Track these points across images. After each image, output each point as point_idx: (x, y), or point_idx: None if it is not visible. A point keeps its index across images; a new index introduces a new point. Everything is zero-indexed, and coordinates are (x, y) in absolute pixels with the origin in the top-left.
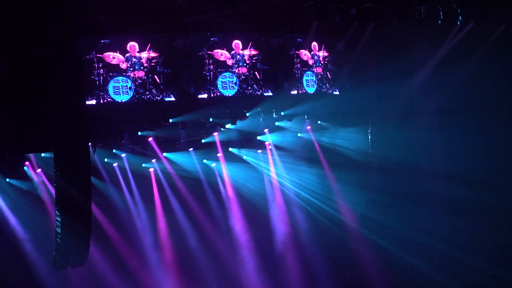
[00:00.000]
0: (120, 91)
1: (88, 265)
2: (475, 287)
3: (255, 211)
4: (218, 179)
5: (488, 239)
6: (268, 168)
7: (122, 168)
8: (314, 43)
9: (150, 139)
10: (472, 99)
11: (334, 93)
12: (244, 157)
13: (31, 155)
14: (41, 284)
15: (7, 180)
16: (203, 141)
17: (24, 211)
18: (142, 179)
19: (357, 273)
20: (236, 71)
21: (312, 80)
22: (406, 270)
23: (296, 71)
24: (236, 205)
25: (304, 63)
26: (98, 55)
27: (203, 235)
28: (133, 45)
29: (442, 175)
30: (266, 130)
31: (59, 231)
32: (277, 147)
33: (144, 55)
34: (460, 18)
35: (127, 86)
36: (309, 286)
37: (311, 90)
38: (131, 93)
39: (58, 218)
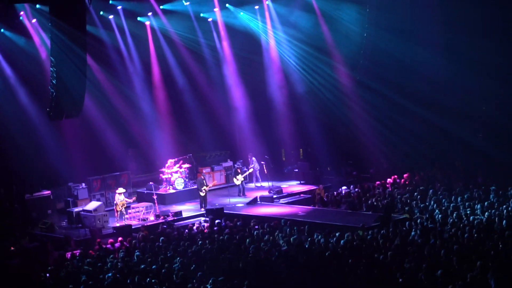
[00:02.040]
0: None
1: (82, 115)
2: None
3: (251, 67)
4: (214, 34)
5: None
6: (265, 25)
7: (118, 24)
8: None
9: None
10: None
11: None
12: (241, 13)
13: (26, 6)
14: (37, 133)
15: (2, 30)
16: None
17: (19, 63)
18: (138, 33)
19: (350, 131)
20: None
21: None
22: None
23: None
24: (232, 60)
25: None
26: None
27: (196, 87)
28: None
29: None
30: None
31: (54, 82)
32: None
33: None
34: None
35: None
36: (301, 139)
37: None
38: None
39: (53, 69)
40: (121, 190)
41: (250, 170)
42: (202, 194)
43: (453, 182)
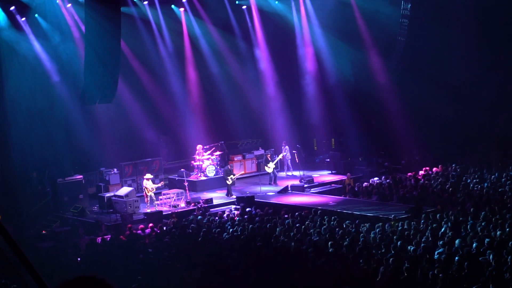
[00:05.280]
0: None
1: (114, 101)
2: None
3: (284, 55)
4: (248, 22)
5: None
6: (299, 14)
7: (152, 10)
8: None
9: None
10: None
11: None
12: (276, 2)
13: None
14: (70, 118)
15: (36, 16)
16: None
17: (53, 47)
18: (172, 20)
19: (382, 121)
20: None
21: None
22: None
23: None
24: (265, 48)
25: None
26: None
27: (229, 75)
28: None
29: None
30: None
31: (88, 68)
32: None
33: None
34: None
35: None
36: (333, 128)
37: None
38: None
39: (87, 54)
40: (148, 175)
41: (280, 157)
42: (228, 182)
43: (485, 174)
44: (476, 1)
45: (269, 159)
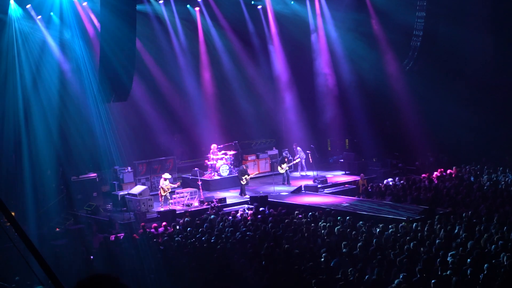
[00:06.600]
0: None
1: (129, 99)
2: None
3: (298, 56)
4: (263, 22)
5: None
6: (314, 14)
7: (167, 9)
8: None
9: None
10: None
11: None
12: (292, 2)
13: None
14: (84, 116)
15: (51, 14)
16: None
17: (69, 46)
18: (187, 19)
19: (397, 122)
20: None
21: None
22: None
23: None
24: (280, 48)
25: None
26: None
27: (244, 75)
28: None
29: None
30: None
31: (103, 66)
32: None
33: None
34: None
35: None
36: (347, 129)
37: None
38: None
39: (102, 52)
40: (167, 175)
41: (297, 160)
42: (243, 182)
43: (500, 176)
44: (492, 3)
45: (286, 160)
